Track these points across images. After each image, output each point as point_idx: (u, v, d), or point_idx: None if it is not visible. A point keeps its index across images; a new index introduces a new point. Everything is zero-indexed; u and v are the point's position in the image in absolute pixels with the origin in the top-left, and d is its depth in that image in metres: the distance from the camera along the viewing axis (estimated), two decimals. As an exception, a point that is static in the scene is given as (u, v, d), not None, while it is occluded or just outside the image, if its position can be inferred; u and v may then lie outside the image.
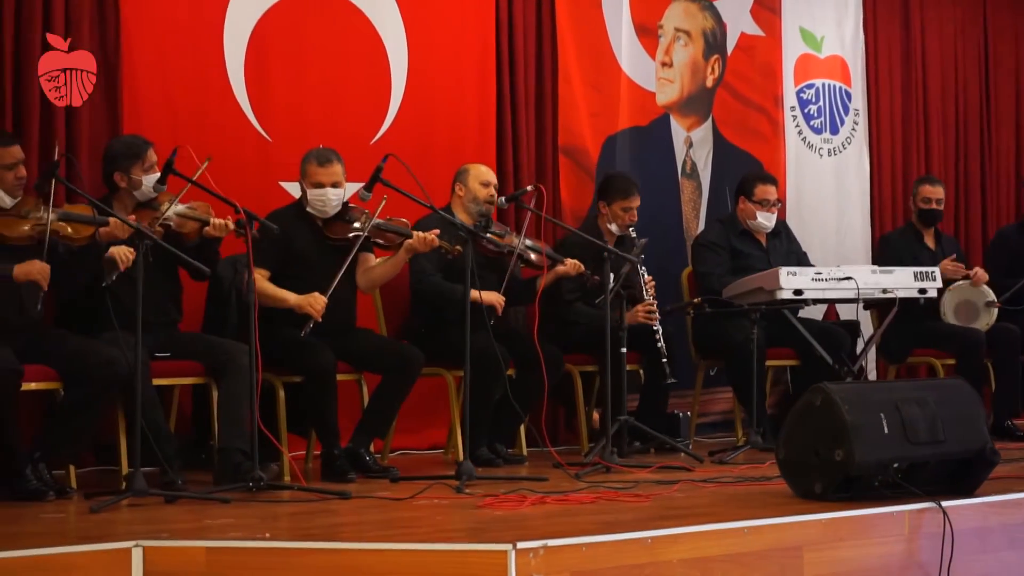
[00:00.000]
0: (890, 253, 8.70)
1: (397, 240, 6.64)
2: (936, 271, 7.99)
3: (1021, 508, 5.33)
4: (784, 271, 7.53)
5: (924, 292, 7.92)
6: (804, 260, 8.35)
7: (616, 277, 6.90)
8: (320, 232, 6.61)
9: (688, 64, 9.17)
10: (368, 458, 6.48)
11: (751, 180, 8.24)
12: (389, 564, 4.23)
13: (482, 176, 7.22)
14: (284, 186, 7.42)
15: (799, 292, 7.55)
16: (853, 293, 7.66)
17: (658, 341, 7.45)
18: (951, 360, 8.48)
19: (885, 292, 7.76)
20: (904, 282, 7.84)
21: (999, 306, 8.39)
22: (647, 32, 8.95)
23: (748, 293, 7.67)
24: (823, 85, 9.84)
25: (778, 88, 9.60)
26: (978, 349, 8.32)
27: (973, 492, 5.37)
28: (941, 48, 10.43)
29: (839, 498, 5.22)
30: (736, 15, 9.38)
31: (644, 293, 7.48)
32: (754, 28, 9.47)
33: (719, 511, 5.13)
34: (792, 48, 9.69)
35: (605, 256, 6.81)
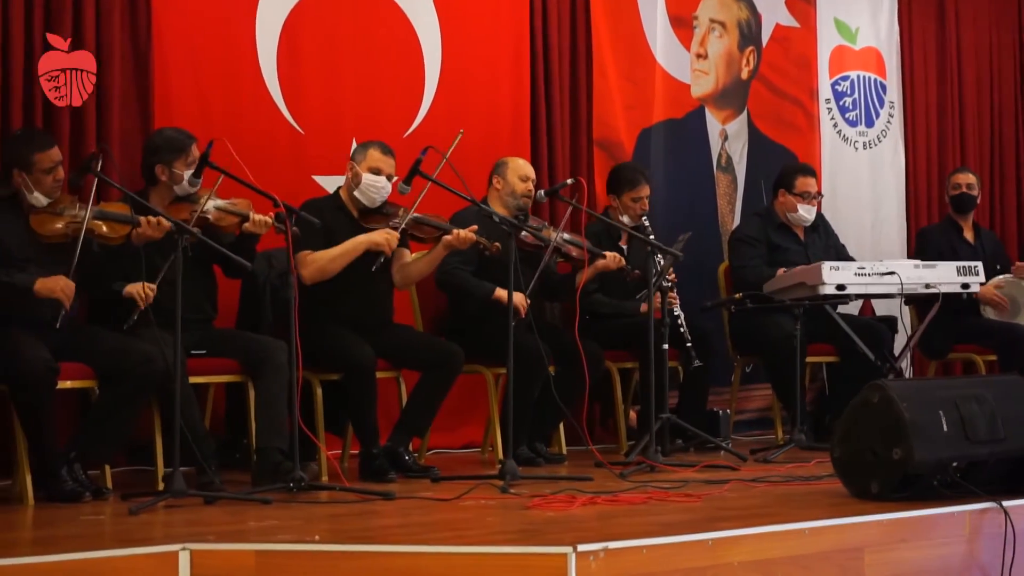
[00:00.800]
0: (928, 247, 8.57)
1: (435, 235, 6.50)
2: (979, 265, 7.83)
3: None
4: (827, 266, 7.38)
5: (967, 287, 7.76)
6: (843, 254, 8.21)
7: (651, 271, 6.74)
8: (358, 225, 6.47)
9: (723, 56, 9.03)
10: (407, 457, 6.35)
11: (791, 172, 8.10)
12: (445, 568, 4.10)
13: (521, 170, 7.08)
14: (317, 180, 7.30)
15: (842, 287, 7.40)
16: (895, 288, 7.52)
17: (680, 325, 7.30)
18: (992, 356, 8.33)
19: (928, 287, 7.60)
20: (947, 277, 7.68)
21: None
22: (682, 23, 8.81)
23: (789, 288, 7.52)
24: (858, 77, 9.70)
25: (813, 80, 9.46)
26: (1020, 344, 8.17)
27: (1035, 491, 5.24)
28: (976, 39, 10.28)
29: (896, 498, 5.11)
30: (771, 6, 9.24)
31: (666, 281, 7.32)
32: (789, 19, 9.33)
33: (776, 511, 5.02)
34: (827, 39, 9.55)
35: (649, 251, 6.67)
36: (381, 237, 6.31)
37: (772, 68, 9.26)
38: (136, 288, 5.70)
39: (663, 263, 6.90)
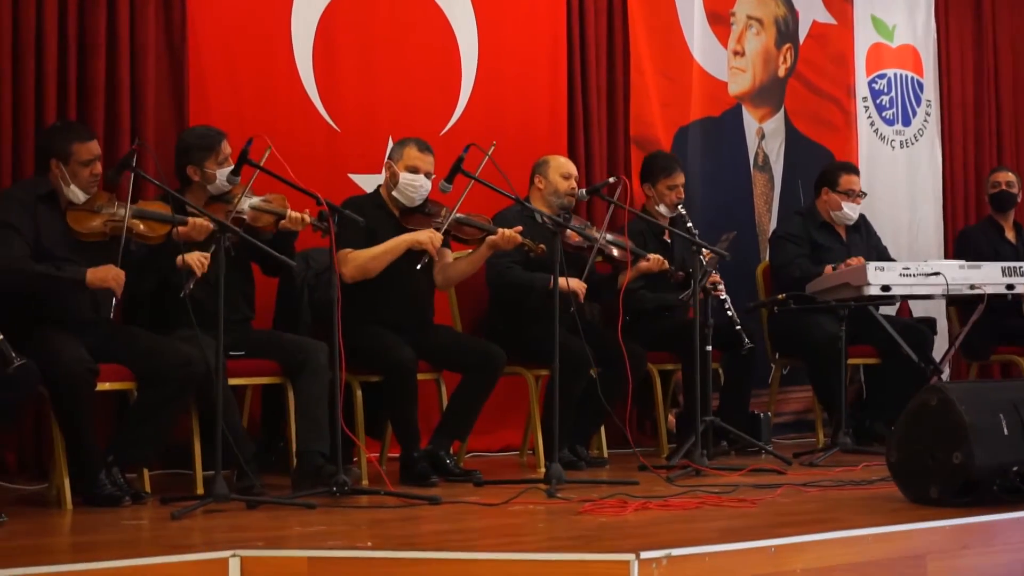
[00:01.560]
0: (970, 248, 8.43)
1: (478, 235, 6.38)
2: (1023, 266, 7.69)
3: None
4: (872, 266, 7.26)
5: (1012, 288, 7.61)
6: (885, 255, 8.08)
7: (700, 271, 6.61)
8: (399, 224, 6.34)
9: (760, 53, 8.89)
10: (449, 461, 6.22)
11: (835, 170, 8.00)
12: (505, 575, 3.98)
13: (563, 168, 6.96)
14: (353, 178, 7.18)
15: (887, 288, 7.27)
16: (941, 289, 7.39)
17: (728, 310, 7.17)
18: (1033, 358, 8.23)
19: (973, 288, 7.46)
20: (992, 277, 7.52)
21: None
22: (719, 20, 8.68)
23: (833, 289, 7.39)
24: (895, 75, 9.56)
25: (850, 78, 9.32)
26: (1064, 347, 8.06)
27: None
28: (1012, 36, 10.12)
29: (956, 503, 5.00)
30: (808, 2, 9.09)
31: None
32: (826, 16, 9.19)
33: (834, 517, 4.93)
34: (864, 37, 9.40)
35: (694, 250, 6.55)
36: (424, 236, 6.19)
37: (809, 66, 9.12)
38: (194, 257, 5.58)
39: (707, 262, 6.76)
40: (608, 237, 6.78)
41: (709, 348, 6.67)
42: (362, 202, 6.33)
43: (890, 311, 8.53)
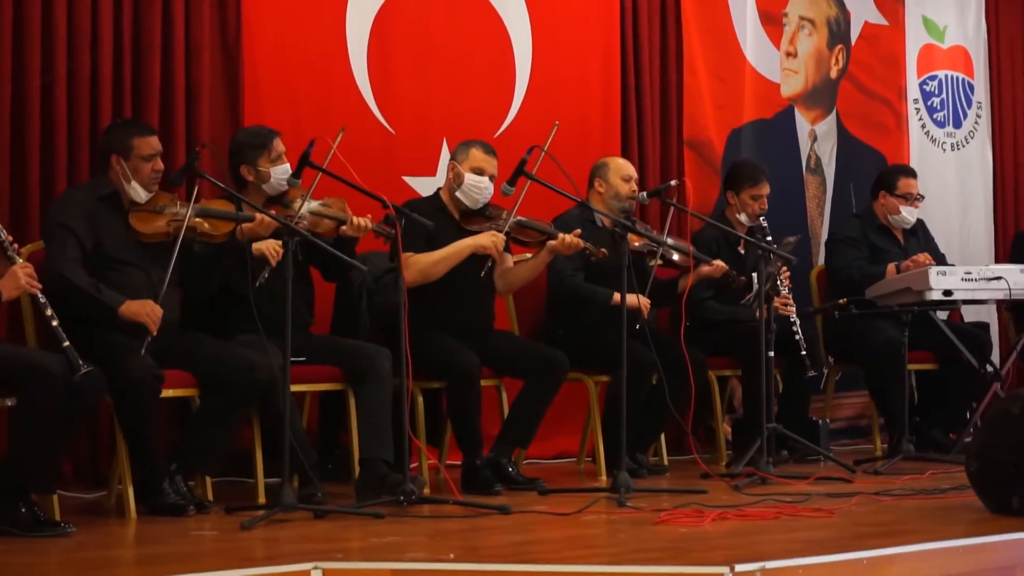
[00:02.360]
0: (1024, 250, 8.34)
1: (539, 239, 6.27)
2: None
3: None
4: (934, 271, 7.16)
5: (1072, 292, 7.50)
6: (942, 260, 7.95)
7: (764, 276, 6.50)
8: (459, 227, 6.24)
9: (812, 54, 8.78)
10: (511, 469, 6.13)
11: (893, 173, 7.89)
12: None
13: (623, 170, 6.83)
14: (408, 181, 7.08)
15: (948, 292, 7.16)
16: (1003, 294, 7.30)
17: (796, 333, 7.07)
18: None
19: (1035, 292, 7.36)
20: (1053, 281, 7.42)
21: None
22: (772, 20, 8.57)
23: (894, 294, 7.28)
24: (946, 76, 9.44)
25: (902, 79, 9.20)
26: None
27: None
28: (1063, 38, 10.02)
29: (1041, 513, 4.89)
30: (860, 3, 8.98)
31: (779, 285, 7.09)
32: (878, 17, 9.07)
33: (918, 528, 4.86)
34: (915, 38, 9.29)
35: (760, 254, 6.43)
36: (487, 240, 6.08)
37: (861, 67, 9.01)
38: (268, 245, 5.49)
39: (771, 268, 6.65)
40: (669, 241, 6.67)
41: (771, 354, 6.58)
42: (420, 204, 6.22)
43: (941, 316, 8.41)
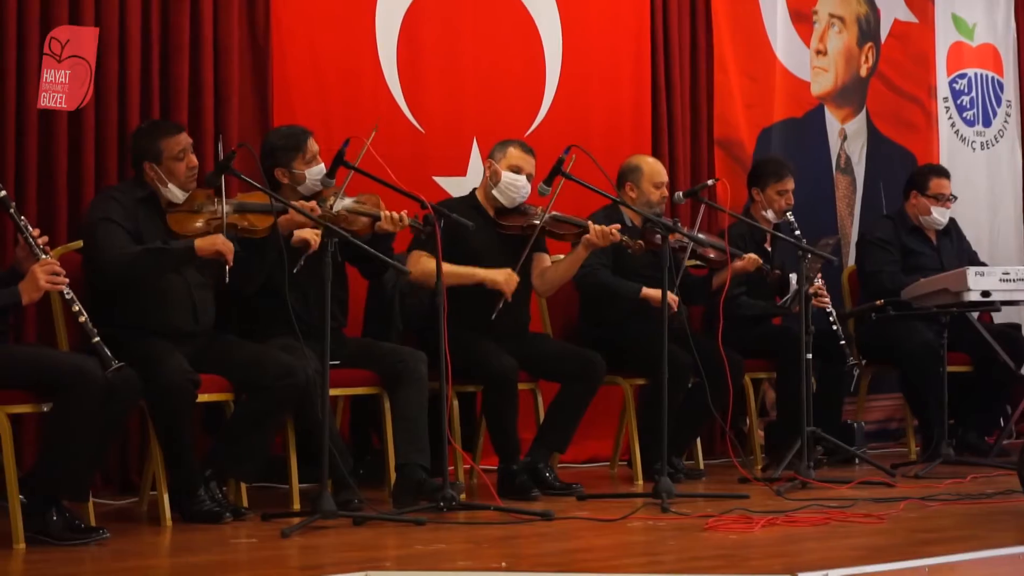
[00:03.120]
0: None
1: (574, 232, 6.16)
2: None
3: None
4: (972, 271, 7.02)
5: (1114, 292, 7.39)
6: (975, 260, 7.85)
7: (803, 277, 6.40)
8: (494, 225, 6.14)
9: (842, 52, 8.67)
10: (548, 474, 6.02)
11: (924, 174, 7.76)
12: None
13: (656, 177, 6.64)
14: (438, 180, 6.97)
15: (987, 294, 7.04)
16: (1041, 294, 7.17)
17: (833, 323, 6.97)
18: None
19: (1073, 292, 7.24)
20: (1092, 282, 7.30)
21: None
22: (802, 18, 8.45)
23: (930, 295, 7.16)
24: (975, 75, 9.33)
25: (931, 77, 9.09)
26: None
27: None
28: (1092, 36, 9.90)
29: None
30: (889, 0, 8.87)
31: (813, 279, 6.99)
32: (907, 14, 8.96)
33: (974, 534, 4.79)
34: (944, 36, 9.17)
35: (800, 255, 6.33)
36: (502, 277, 5.98)
37: (891, 65, 8.89)
38: (308, 232, 5.40)
39: (809, 267, 6.54)
40: (702, 237, 6.57)
41: (809, 356, 6.47)
42: (455, 204, 6.12)
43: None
